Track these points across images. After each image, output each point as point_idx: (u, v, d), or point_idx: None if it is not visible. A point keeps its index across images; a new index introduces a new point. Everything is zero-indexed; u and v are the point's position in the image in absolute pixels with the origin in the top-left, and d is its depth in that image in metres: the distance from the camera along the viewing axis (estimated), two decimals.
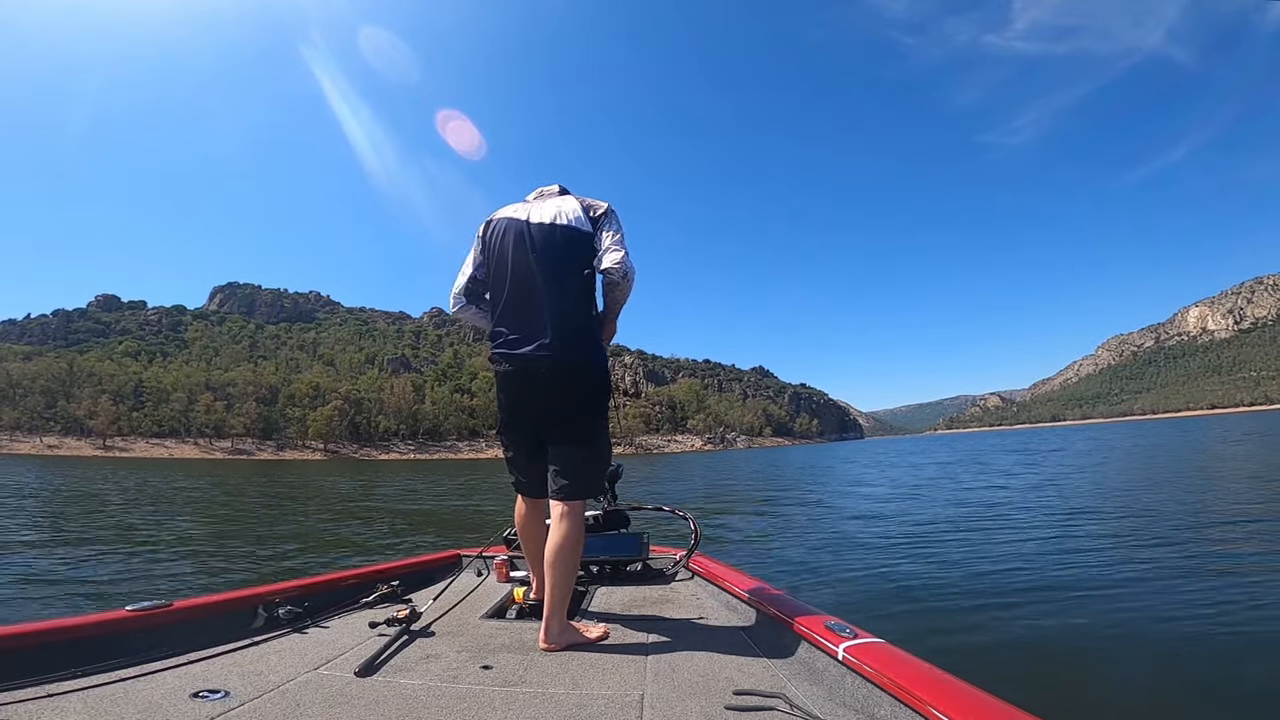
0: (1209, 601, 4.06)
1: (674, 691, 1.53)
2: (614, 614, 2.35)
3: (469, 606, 2.47)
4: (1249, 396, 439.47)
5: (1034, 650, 3.39)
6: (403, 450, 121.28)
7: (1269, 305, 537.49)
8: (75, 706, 1.37)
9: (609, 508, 2.90)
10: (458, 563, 3.15)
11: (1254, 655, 3.19)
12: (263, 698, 1.47)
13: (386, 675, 1.65)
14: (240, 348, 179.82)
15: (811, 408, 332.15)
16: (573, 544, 2.00)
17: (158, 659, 1.70)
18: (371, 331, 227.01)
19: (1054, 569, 5.23)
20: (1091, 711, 2.74)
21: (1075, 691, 2.89)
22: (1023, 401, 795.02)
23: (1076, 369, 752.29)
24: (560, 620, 1.94)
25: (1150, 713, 2.76)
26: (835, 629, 1.62)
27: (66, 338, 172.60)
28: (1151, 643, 3.42)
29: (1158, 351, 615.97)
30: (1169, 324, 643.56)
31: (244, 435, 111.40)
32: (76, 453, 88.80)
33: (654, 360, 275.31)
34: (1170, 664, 3.14)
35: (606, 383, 2.19)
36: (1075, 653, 3.33)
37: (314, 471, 38.59)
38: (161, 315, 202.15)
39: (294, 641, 1.97)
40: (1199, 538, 6.27)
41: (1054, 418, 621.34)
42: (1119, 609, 4.05)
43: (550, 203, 2.21)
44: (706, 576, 2.75)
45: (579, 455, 2.10)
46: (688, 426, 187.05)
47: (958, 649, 3.43)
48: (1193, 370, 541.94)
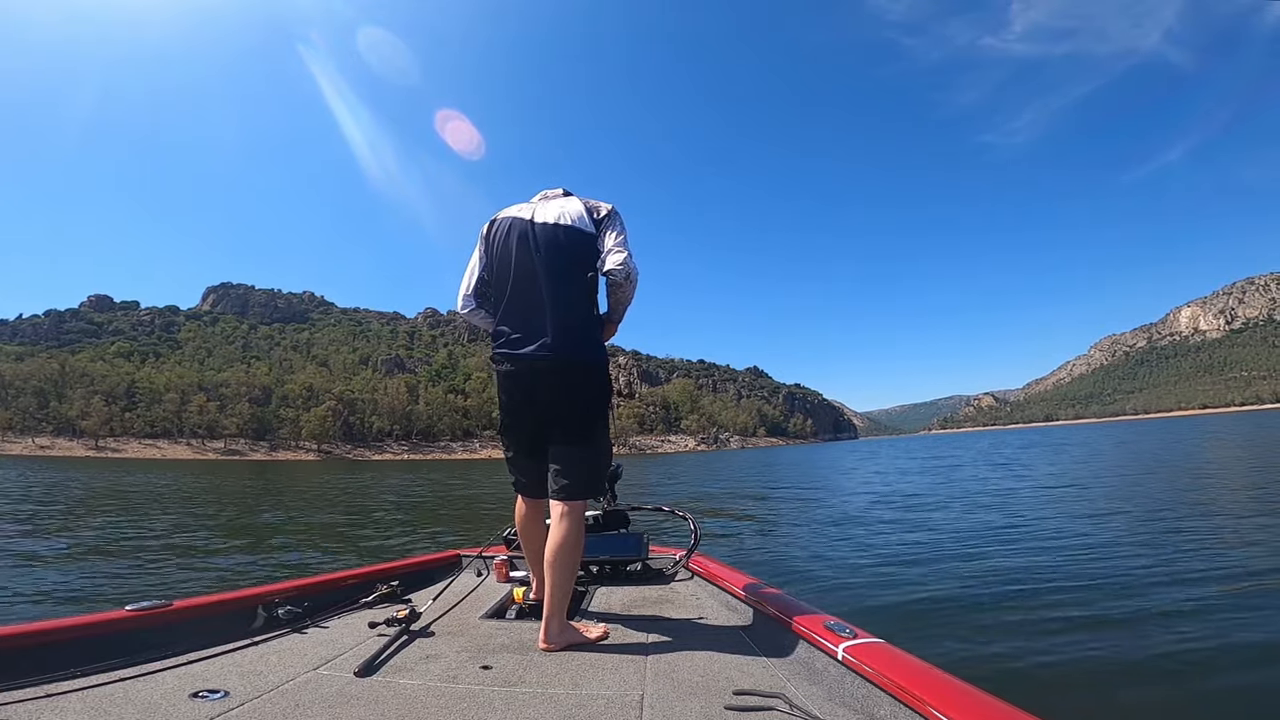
0: (1209, 601, 4.09)
1: (674, 691, 1.52)
2: (614, 614, 2.35)
3: (469, 606, 2.47)
4: (1240, 396, 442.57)
5: (1034, 650, 3.40)
6: (396, 451, 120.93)
7: (1260, 305, 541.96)
8: (75, 706, 1.37)
9: (609, 508, 2.90)
10: (457, 563, 3.15)
11: (1253, 655, 3.21)
12: (262, 698, 1.47)
13: (386, 675, 1.65)
14: (233, 348, 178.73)
15: (806, 408, 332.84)
16: (573, 544, 2.00)
17: (157, 659, 1.70)
18: (365, 332, 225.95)
19: (1054, 568, 5.26)
20: (1091, 711, 2.74)
21: (1075, 691, 2.90)
22: (1016, 401, 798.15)
23: (1070, 369, 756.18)
24: (560, 620, 1.94)
25: (1150, 712, 2.77)
26: (835, 629, 1.62)
27: (59, 338, 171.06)
28: (1151, 642, 3.43)
29: (1150, 351, 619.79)
30: (1161, 324, 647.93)
31: (237, 436, 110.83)
32: (69, 453, 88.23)
33: (648, 360, 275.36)
34: (1170, 663, 3.14)
35: (607, 383, 2.19)
36: (1075, 652, 3.34)
37: (308, 472, 38.41)
38: (154, 316, 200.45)
39: (294, 641, 1.97)
40: (1199, 537, 6.31)
41: (1047, 417, 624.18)
42: (1119, 609, 4.07)
43: (554, 204, 2.21)
44: (706, 576, 2.75)
45: (579, 455, 2.10)
46: (681, 427, 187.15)
47: (958, 649, 3.44)
48: (1185, 370, 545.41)
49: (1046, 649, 3.41)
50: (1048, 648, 3.43)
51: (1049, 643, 3.50)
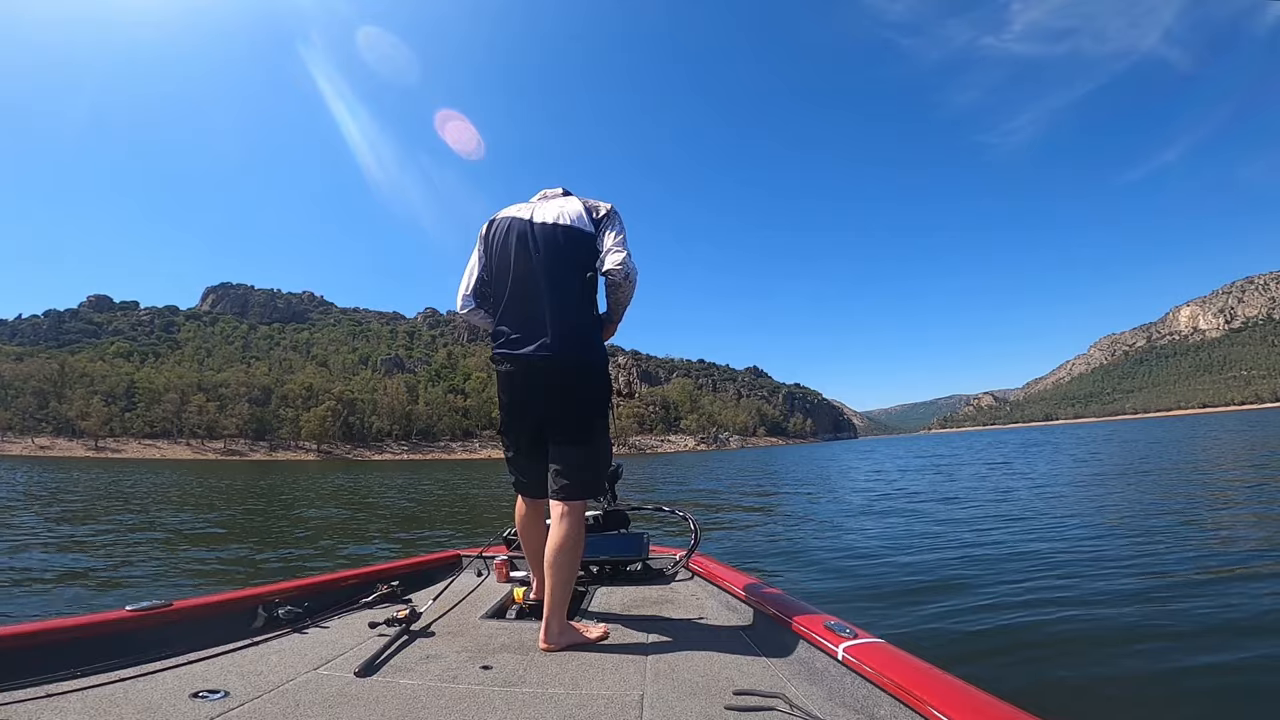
0: (1209, 601, 4.08)
1: (674, 691, 1.52)
2: (614, 614, 2.35)
3: (469, 607, 2.47)
4: (1239, 395, 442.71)
5: (1034, 650, 3.39)
6: (396, 451, 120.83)
7: (1259, 305, 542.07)
8: (75, 706, 1.37)
9: (609, 508, 2.90)
10: (458, 563, 3.16)
11: (1254, 654, 3.21)
12: (262, 698, 1.47)
13: (386, 675, 1.65)
14: (233, 348, 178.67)
15: (805, 408, 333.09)
16: (573, 544, 2.00)
17: (157, 659, 1.70)
18: (365, 332, 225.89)
19: (1054, 568, 5.25)
20: (1091, 711, 2.74)
21: (1075, 691, 2.89)
22: (1016, 401, 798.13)
23: (1069, 368, 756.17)
24: (560, 620, 1.94)
25: (1151, 712, 2.76)
26: (835, 629, 1.62)
27: (58, 338, 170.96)
28: (1152, 642, 3.42)
29: (1150, 351, 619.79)
30: (1161, 323, 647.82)
31: (237, 436, 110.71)
32: (68, 453, 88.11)
33: (648, 360, 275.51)
34: (1171, 663, 3.14)
35: (607, 383, 2.19)
36: (1076, 652, 3.34)
37: (308, 472, 38.38)
38: (154, 316, 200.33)
39: (294, 641, 1.97)
40: (1199, 536, 6.31)
41: (1047, 417, 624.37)
42: (1119, 608, 4.06)
43: (553, 203, 2.21)
44: (706, 576, 2.75)
45: (580, 455, 2.10)
46: (681, 427, 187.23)
47: (958, 649, 3.44)
48: (1184, 369, 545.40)
49: (1046, 649, 3.41)
50: (1049, 648, 3.42)
51: (1049, 642, 3.50)
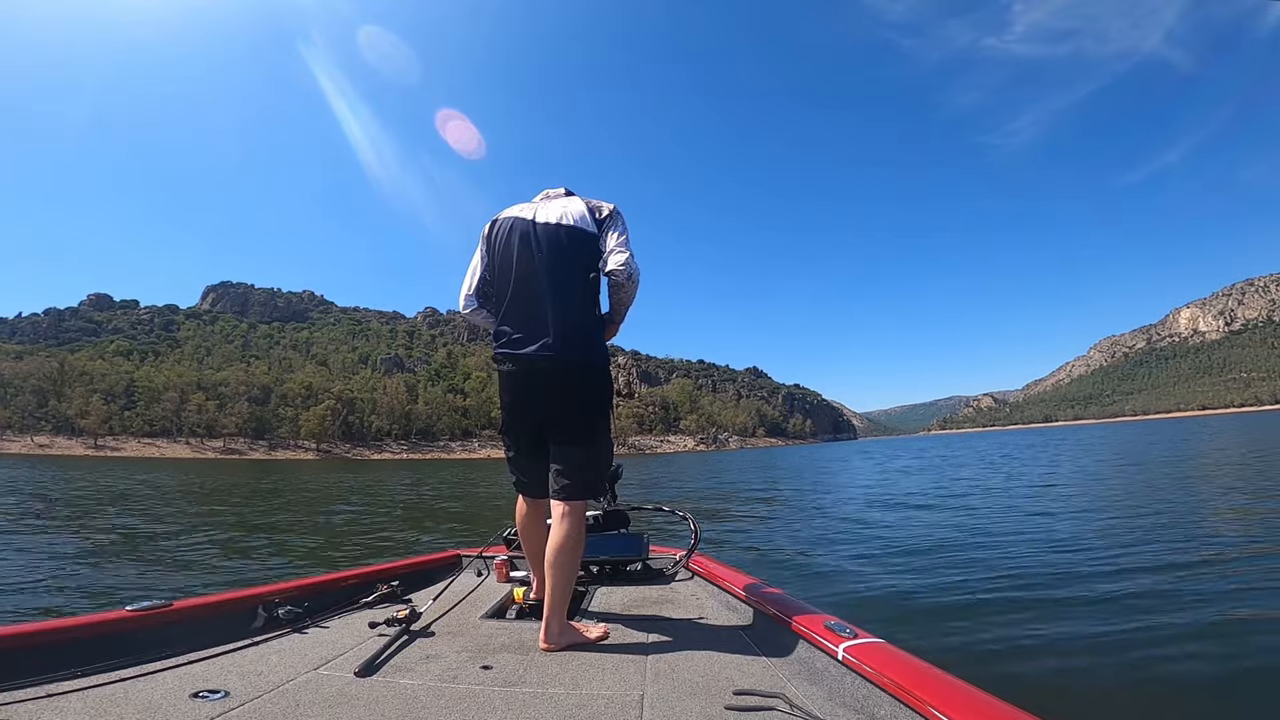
0: (1210, 601, 4.09)
1: (674, 691, 1.52)
2: (614, 614, 2.35)
3: (469, 607, 2.47)
4: (1239, 397, 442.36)
5: (1034, 650, 3.40)
6: (395, 450, 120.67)
7: (1259, 307, 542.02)
8: (75, 706, 1.37)
9: (609, 508, 2.90)
10: (458, 563, 3.15)
11: (1254, 654, 3.21)
12: (263, 698, 1.47)
13: (386, 675, 1.65)
14: (233, 347, 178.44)
15: (805, 408, 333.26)
16: (573, 544, 2.00)
17: (158, 659, 1.70)
18: (365, 331, 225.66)
19: (1054, 569, 5.25)
20: (1091, 712, 2.74)
21: (1075, 691, 2.89)
22: (1015, 402, 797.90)
23: (1069, 370, 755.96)
24: (560, 620, 1.94)
25: (1151, 712, 2.77)
26: (835, 629, 1.62)
27: (58, 337, 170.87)
28: (1152, 642, 3.43)
29: (1149, 352, 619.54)
30: (1161, 325, 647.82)
31: (236, 435, 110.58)
32: (68, 452, 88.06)
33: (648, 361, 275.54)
34: (1171, 663, 3.14)
35: (608, 384, 2.19)
36: (1076, 652, 3.34)
37: (307, 471, 38.36)
38: (154, 314, 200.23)
39: (294, 641, 1.97)
40: (1199, 537, 6.31)
41: (1046, 418, 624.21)
42: (1119, 608, 4.07)
43: (556, 203, 2.20)
44: (706, 576, 2.75)
45: (580, 455, 2.10)
46: (680, 427, 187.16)
47: (958, 649, 3.44)
48: (1184, 371, 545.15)
49: (1047, 649, 3.41)
50: (1048, 648, 3.42)
51: (1049, 642, 3.50)
